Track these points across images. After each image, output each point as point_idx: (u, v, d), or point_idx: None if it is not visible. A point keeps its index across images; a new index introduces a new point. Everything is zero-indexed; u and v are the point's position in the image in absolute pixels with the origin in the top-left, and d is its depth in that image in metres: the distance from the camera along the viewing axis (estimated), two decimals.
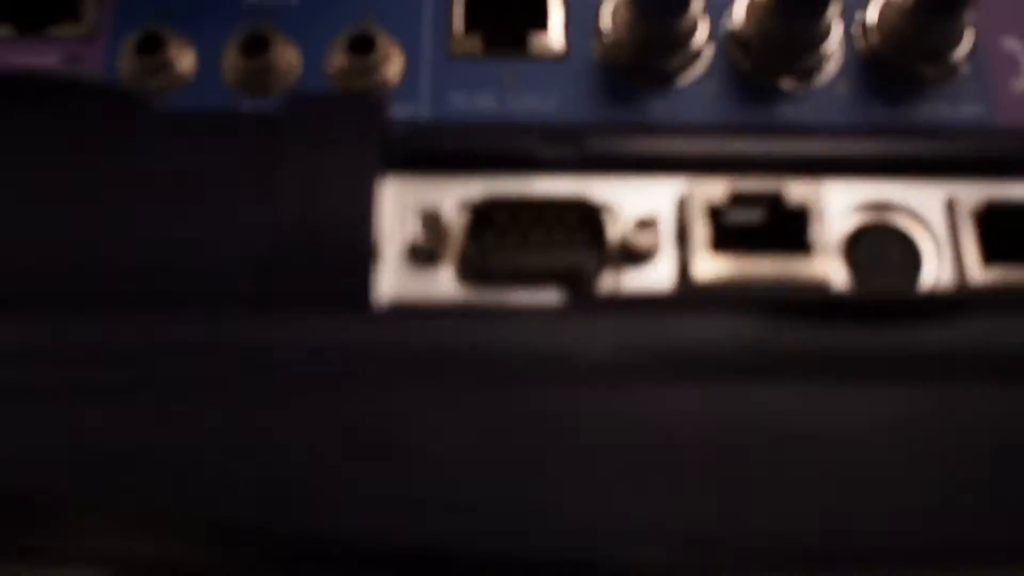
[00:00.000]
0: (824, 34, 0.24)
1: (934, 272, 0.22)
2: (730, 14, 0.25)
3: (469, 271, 0.22)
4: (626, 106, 0.24)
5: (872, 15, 0.25)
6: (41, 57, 0.25)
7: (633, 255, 0.22)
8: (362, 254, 0.21)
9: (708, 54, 0.25)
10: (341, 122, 0.22)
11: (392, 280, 0.21)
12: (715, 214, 0.22)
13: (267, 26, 0.25)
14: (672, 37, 0.24)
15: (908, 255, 0.23)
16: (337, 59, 0.25)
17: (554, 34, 0.25)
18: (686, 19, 0.23)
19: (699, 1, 0.24)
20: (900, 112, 0.25)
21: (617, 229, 0.22)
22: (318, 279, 0.21)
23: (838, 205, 0.23)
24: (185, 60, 0.25)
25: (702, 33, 0.24)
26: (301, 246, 0.21)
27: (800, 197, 0.22)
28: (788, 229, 0.22)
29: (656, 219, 0.22)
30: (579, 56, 0.25)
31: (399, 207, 0.22)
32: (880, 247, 0.23)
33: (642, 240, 0.22)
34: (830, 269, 0.21)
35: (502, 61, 0.25)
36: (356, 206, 0.21)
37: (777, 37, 0.24)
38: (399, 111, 0.24)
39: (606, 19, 0.25)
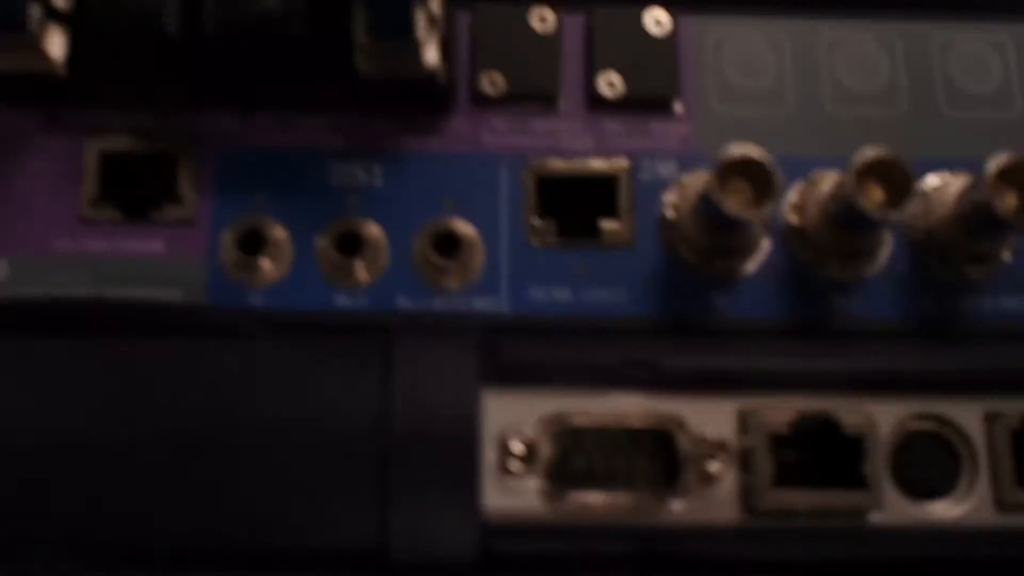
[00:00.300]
0: (879, 241, 0.26)
1: (971, 482, 0.25)
2: (787, 210, 0.27)
3: (553, 480, 0.25)
4: (691, 298, 0.27)
5: (922, 217, 0.27)
6: (146, 242, 0.27)
7: (701, 475, 0.25)
8: (469, 462, 0.24)
9: (767, 247, 0.27)
10: (445, 341, 0.24)
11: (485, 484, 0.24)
12: (776, 441, 0.24)
13: (357, 221, 0.27)
14: (736, 243, 0.26)
15: (949, 464, 0.25)
16: (422, 249, 0.27)
17: (623, 223, 0.27)
18: (750, 232, 0.26)
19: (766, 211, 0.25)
20: (945, 305, 0.27)
21: (686, 448, 0.25)
22: (430, 484, 0.24)
23: (887, 417, 0.25)
24: (283, 255, 0.27)
25: (763, 234, 0.26)
26: (413, 451, 0.24)
27: (855, 426, 0.24)
28: (844, 451, 0.24)
29: (723, 443, 0.25)
30: (647, 245, 0.27)
31: (489, 419, 0.25)
32: (923, 456, 0.25)
33: (711, 466, 0.24)
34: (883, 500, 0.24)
35: (575, 250, 0.27)
36: (463, 418, 0.24)
37: (834, 241, 0.26)
38: (481, 305, 0.27)
39: (671, 212, 0.27)
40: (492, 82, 0.27)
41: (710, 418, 0.25)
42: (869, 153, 0.24)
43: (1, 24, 0.25)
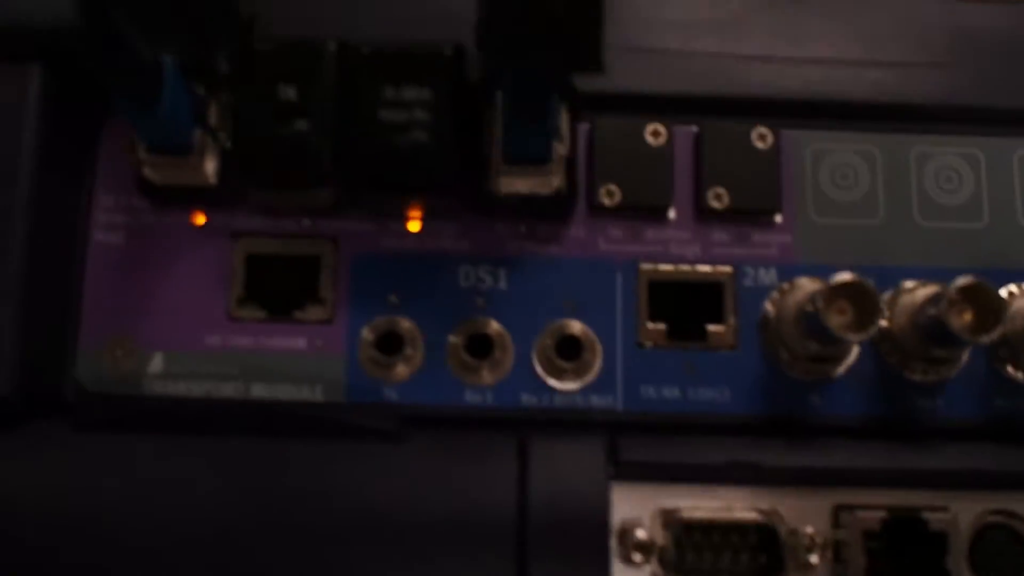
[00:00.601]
0: (961, 352, 0.29)
1: None
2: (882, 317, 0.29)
3: (667, 569, 0.28)
4: (788, 398, 0.30)
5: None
6: (289, 339, 0.30)
7: (801, 566, 0.28)
8: (602, 553, 0.27)
9: (857, 351, 0.30)
10: (577, 439, 0.28)
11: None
12: (868, 535, 0.28)
13: (485, 321, 0.30)
14: (833, 353, 0.29)
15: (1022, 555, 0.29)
16: (544, 349, 0.30)
17: (727, 326, 0.30)
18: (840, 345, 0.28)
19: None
20: (1013, 405, 0.30)
21: (787, 541, 0.28)
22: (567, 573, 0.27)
23: (966, 514, 0.28)
24: (415, 353, 0.30)
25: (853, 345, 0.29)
26: (549, 541, 0.27)
27: (939, 523, 0.28)
28: (928, 546, 0.28)
29: (820, 536, 0.28)
30: (749, 347, 0.30)
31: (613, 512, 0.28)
32: (999, 547, 0.29)
33: (809, 558, 0.28)
34: None
35: (683, 351, 0.30)
36: (596, 510, 0.27)
37: (920, 348, 0.29)
38: (597, 402, 0.30)
39: (771, 317, 0.30)
40: (609, 193, 0.30)
41: (808, 513, 0.28)
42: (962, 280, 0.27)
43: (171, 150, 0.28)
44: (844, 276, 0.27)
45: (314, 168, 0.27)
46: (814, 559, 0.28)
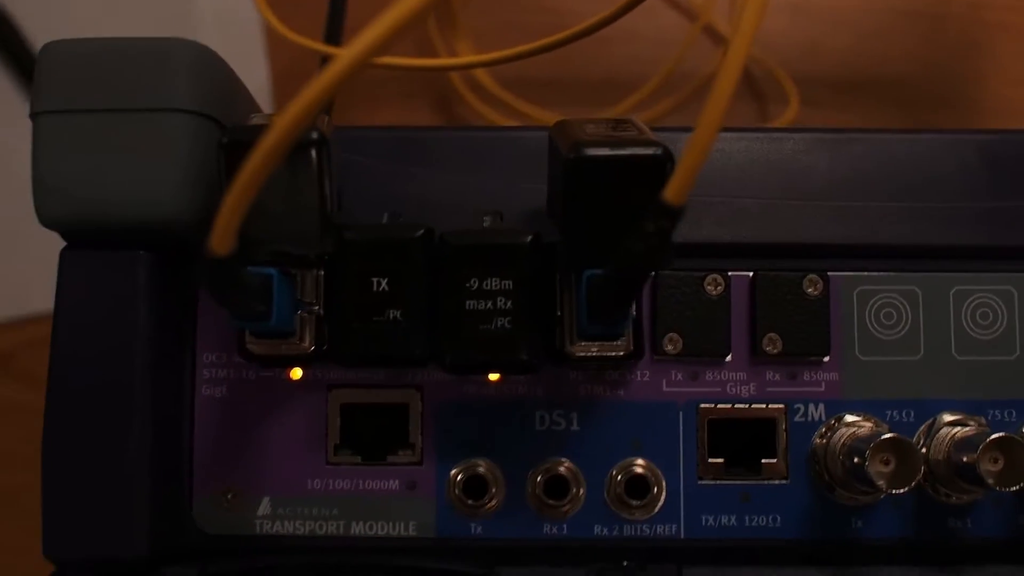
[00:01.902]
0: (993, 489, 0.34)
1: None
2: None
3: None
4: (833, 523, 0.35)
5: None
6: (383, 481, 0.35)
7: None
8: None
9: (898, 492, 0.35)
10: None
11: None
12: None
13: (559, 462, 0.34)
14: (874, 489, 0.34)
15: None
16: (614, 486, 0.35)
17: (780, 459, 0.35)
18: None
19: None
20: None
21: None
22: None
23: None
24: (497, 492, 0.35)
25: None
26: None
27: None
28: None
29: None
30: (799, 478, 0.35)
31: None
32: None
33: None
34: None
35: (740, 482, 0.35)
36: None
37: (953, 479, 0.34)
38: (661, 531, 0.35)
39: (820, 451, 0.34)
40: (672, 341, 0.34)
41: None
42: (996, 435, 0.32)
43: (276, 335, 0.32)
44: (888, 435, 0.32)
45: (408, 353, 0.32)
46: None
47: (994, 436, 0.32)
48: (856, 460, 0.32)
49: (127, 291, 0.32)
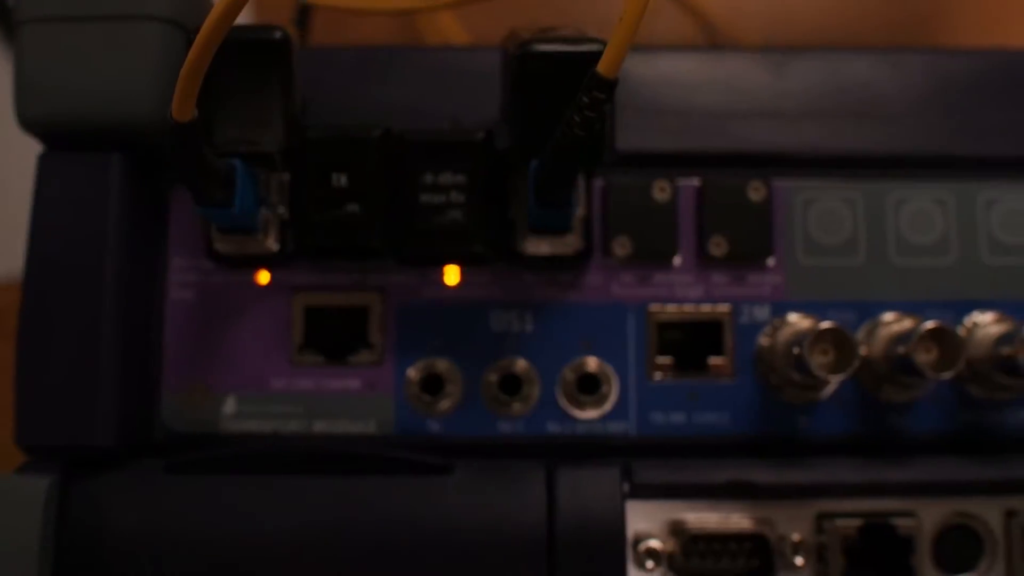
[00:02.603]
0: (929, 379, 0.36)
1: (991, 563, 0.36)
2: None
3: (676, 571, 0.36)
4: (779, 420, 0.37)
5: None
6: (344, 380, 0.37)
7: (789, 567, 0.35)
8: (620, 562, 0.34)
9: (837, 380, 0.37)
10: (597, 464, 0.35)
11: None
12: (846, 540, 0.35)
13: (514, 361, 0.37)
14: (817, 383, 0.36)
15: (977, 548, 0.36)
16: (567, 383, 0.37)
17: (726, 359, 0.37)
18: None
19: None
20: (979, 422, 0.37)
21: (777, 547, 0.35)
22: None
23: (931, 517, 0.36)
24: (454, 390, 0.37)
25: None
26: (575, 552, 0.34)
27: (906, 528, 0.35)
28: (897, 547, 0.35)
29: (805, 542, 0.35)
30: (745, 377, 0.37)
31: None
32: (958, 544, 0.36)
33: (796, 560, 0.35)
34: None
35: (688, 381, 0.37)
36: (614, 526, 0.35)
37: (891, 375, 0.36)
38: (614, 428, 0.37)
39: (765, 350, 0.37)
40: (621, 245, 0.37)
41: (794, 522, 0.36)
42: (929, 323, 0.34)
43: (240, 231, 0.34)
44: (826, 324, 0.34)
45: (366, 245, 0.34)
46: (800, 561, 0.35)
47: (928, 326, 0.34)
48: (796, 351, 0.34)
49: (100, 191, 0.35)
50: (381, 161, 0.34)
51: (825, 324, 0.34)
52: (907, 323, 0.36)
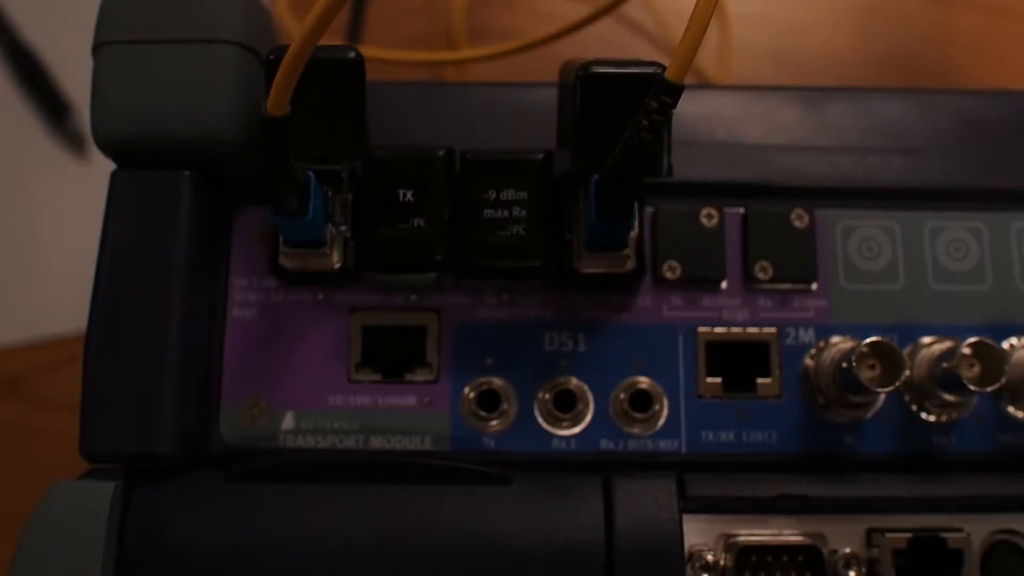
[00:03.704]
0: (971, 397, 0.39)
1: None
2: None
3: None
4: (825, 438, 0.39)
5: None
6: (401, 398, 0.39)
7: None
8: (677, 572, 0.36)
9: (883, 398, 0.39)
10: (654, 477, 0.37)
11: None
12: (896, 553, 0.37)
13: (568, 380, 0.39)
14: (863, 400, 0.38)
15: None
16: (619, 402, 0.39)
17: (773, 380, 0.39)
18: (870, 395, 0.37)
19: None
20: (1015, 440, 0.39)
21: (828, 559, 0.37)
22: None
23: (977, 533, 0.38)
24: (509, 407, 0.39)
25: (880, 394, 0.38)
26: (634, 566, 0.36)
27: (955, 542, 0.37)
28: (947, 561, 0.37)
29: (856, 555, 0.37)
30: (792, 397, 0.39)
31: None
32: (1005, 560, 0.38)
33: (849, 574, 0.37)
34: None
35: (737, 401, 0.39)
36: (672, 539, 0.36)
37: (935, 393, 0.39)
38: (665, 446, 0.39)
39: (811, 371, 0.39)
40: (671, 268, 0.39)
41: (845, 536, 0.37)
42: (971, 339, 0.36)
43: (308, 244, 0.37)
44: (874, 338, 0.36)
45: (430, 256, 0.36)
46: (852, 574, 0.37)
47: (970, 340, 0.36)
48: (844, 366, 0.37)
49: (171, 207, 0.37)
50: (445, 178, 0.36)
51: (873, 338, 0.36)
52: (948, 343, 0.38)
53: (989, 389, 0.36)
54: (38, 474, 0.37)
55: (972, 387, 0.36)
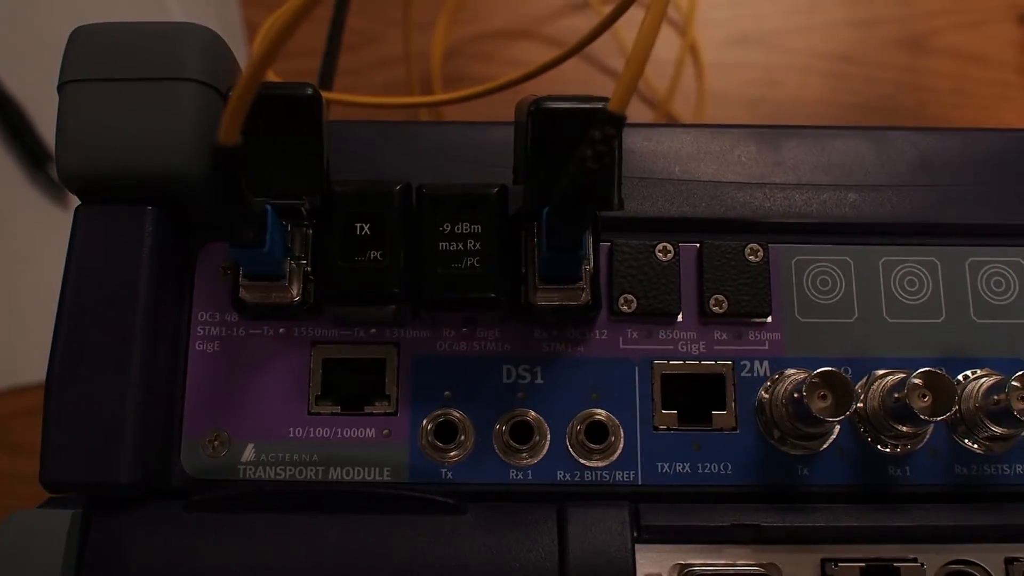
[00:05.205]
0: (925, 429, 0.40)
1: None
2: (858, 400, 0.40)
3: None
4: (781, 470, 0.40)
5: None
6: (360, 430, 0.40)
7: None
8: None
9: (838, 430, 0.41)
10: (606, 508, 0.38)
11: None
12: None
13: (524, 412, 0.40)
14: (816, 431, 0.40)
15: None
16: (575, 434, 0.40)
17: (728, 412, 0.41)
18: (823, 425, 0.39)
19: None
20: (973, 472, 0.40)
21: None
22: None
23: (933, 564, 0.39)
24: (467, 439, 0.40)
25: (834, 425, 0.40)
26: None
27: (910, 572, 0.38)
28: None
29: None
30: (747, 429, 0.41)
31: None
32: None
33: None
34: None
35: (692, 432, 0.41)
36: (624, 567, 0.37)
37: (889, 425, 0.40)
38: (620, 477, 0.40)
39: (765, 403, 0.40)
40: (627, 302, 0.41)
41: (799, 566, 0.39)
42: (922, 370, 0.38)
43: (266, 277, 0.38)
44: (824, 368, 0.38)
45: (387, 289, 0.38)
46: None
47: (921, 371, 0.38)
48: (796, 396, 0.38)
49: (134, 242, 0.39)
50: (403, 212, 0.38)
51: (823, 368, 0.37)
52: (901, 375, 0.39)
53: (939, 419, 0.37)
54: None
55: (923, 416, 0.37)
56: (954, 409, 0.38)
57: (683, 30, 0.68)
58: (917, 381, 0.38)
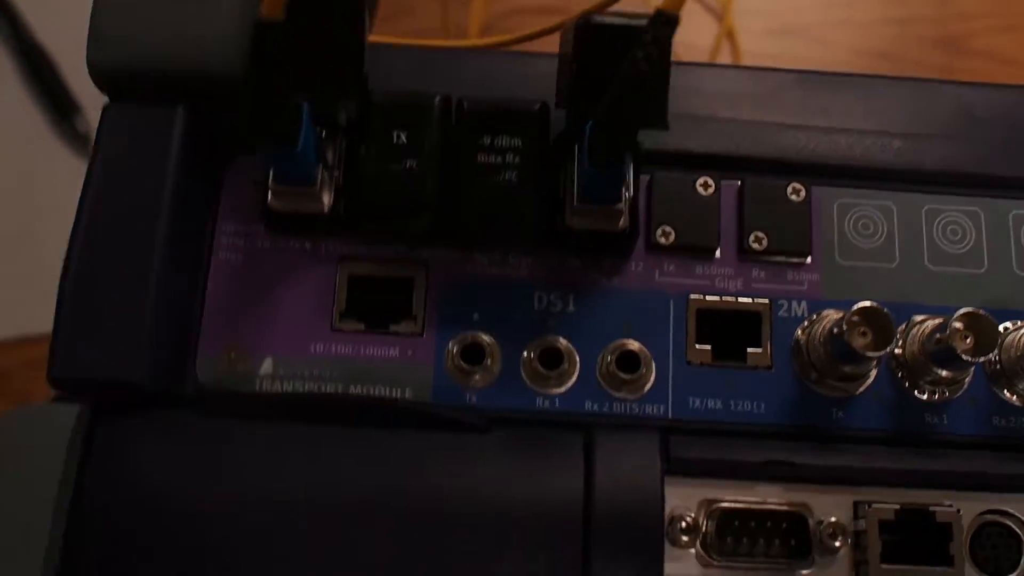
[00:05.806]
0: (965, 374, 0.39)
1: None
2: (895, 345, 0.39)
3: (709, 551, 0.37)
4: (815, 412, 0.39)
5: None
6: (384, 349, 0.40)
7: (825, 550, 0.37)
8: (657, 536, 0.36)
9: (874, 373, 0.40)
10: (635, 438, 0.37)
11: None
12: (883, 526, 0.37)
13: (555, 339, 0.39)
14: (854, 372, 0.39)
15: (1014, 548, 0.38)
16: (606, 364, 0.39)
17: (764, 350, 0.40)
18: (862, 362, 0.38)
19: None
20: (1019, 423, 0.40)
21: (814, 529, 0.37)
22: (626, 554, 0.36)
23: (968, 512, 0.38)
24: (493, 363, 0.39)
25: (871, 364, 0.39)
26: (612, 527, 0.36)
27: (944, 515, 0.37)
28: (935, 536, 0.37)
29: (842, 526, 0.37)
30: (782, 368, 0.40)
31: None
32: (994, 540, 0.38)
33: (833, 544, 0.37)
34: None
35: (726, 369, 0.40)
36: (652, 501, 0.36)
37: (927, 370, 0.39)
38: (650, 411, 0.39)
39: (802, 343, 0.39)
40: (664, 234, 0.40)
41: (832, 506, 0.38)
42: (965, 309, 0.37)
43: (297, 180, 0.38)
44: (865, 303, 0.37)
45: (421, 197, 0.37)
46: (837, 544, 0.37)
47: (962, 311, 0.37)
48: (835, 332, 0.37)
49: (162, 140, 0.38)
50: (441, 123, 0.38)
51: (863, 303, 0.37)
52: (940, 319, 0.39)
53: (981, 359, 0.37)
54: None
55: (965, 357, 0.37)
56: (995, 354, 0.37)
57: (721, 16, 0.68)
58: (958, 324, 0.37)
